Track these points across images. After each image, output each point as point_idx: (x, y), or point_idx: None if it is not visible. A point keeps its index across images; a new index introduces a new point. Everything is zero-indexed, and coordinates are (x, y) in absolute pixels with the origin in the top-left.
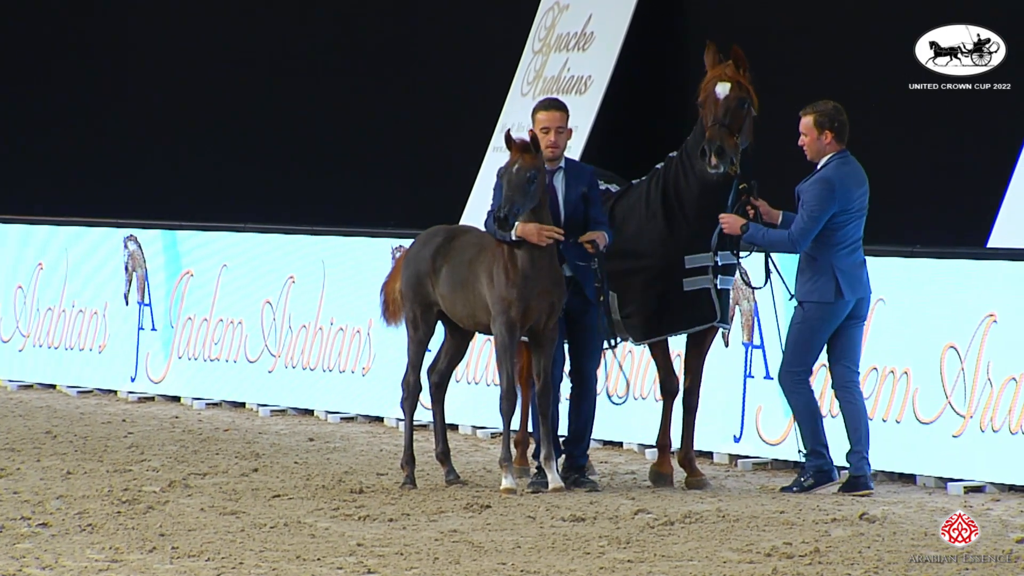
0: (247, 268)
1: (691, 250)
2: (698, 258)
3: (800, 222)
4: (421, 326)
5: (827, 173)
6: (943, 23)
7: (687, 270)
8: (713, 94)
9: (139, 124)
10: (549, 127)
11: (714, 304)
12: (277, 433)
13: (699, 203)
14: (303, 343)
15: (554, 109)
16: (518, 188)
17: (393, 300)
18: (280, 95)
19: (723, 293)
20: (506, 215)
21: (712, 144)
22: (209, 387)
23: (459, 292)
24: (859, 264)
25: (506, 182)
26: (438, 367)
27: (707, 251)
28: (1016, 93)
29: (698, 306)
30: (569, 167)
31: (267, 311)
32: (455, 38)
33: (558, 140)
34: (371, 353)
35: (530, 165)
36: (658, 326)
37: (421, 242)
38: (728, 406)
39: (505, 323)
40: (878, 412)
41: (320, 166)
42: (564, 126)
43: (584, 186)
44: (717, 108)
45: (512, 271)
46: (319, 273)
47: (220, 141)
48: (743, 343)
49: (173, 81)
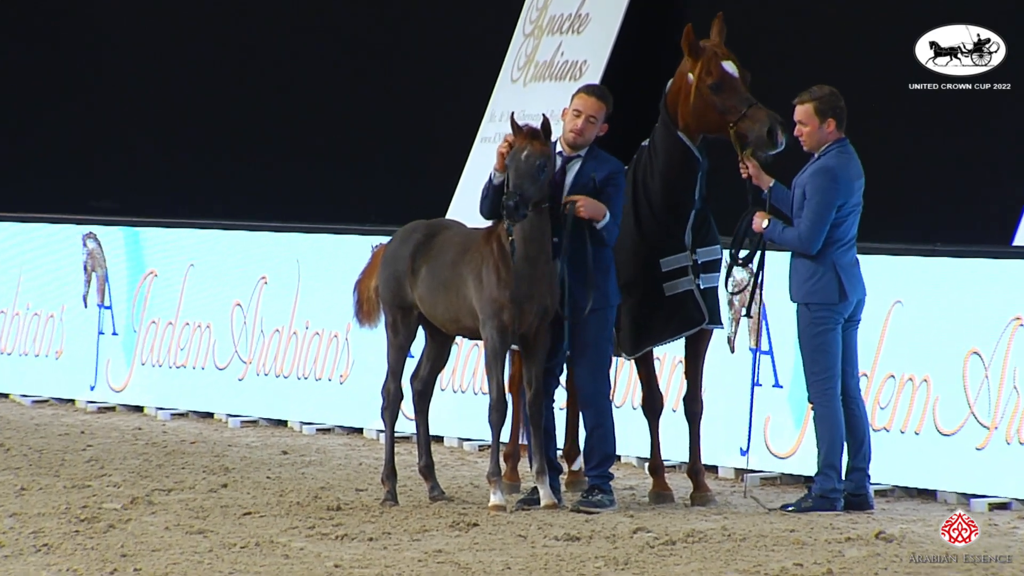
0: (216, 268)
1: (665, 251)
2: (674, 259)
3: (807, 219)
4: (401, 330)
5: (827, 162)
6: (943, 23)
7: (665, 273)
8: (727, 74)
9: (99, 114)
10: (581, 112)
11: (700, 306)
12: (248, 446)
13: (667, 200)
14: (276, 349)
15: (593, 96)
16: (527, 175)
17: (367, 300)
18: (249, 82)
19: (708, 293)
20: (516, 204)
21: (777, 120)
22: (174, 396)
23: (440, 294)
24: (855, 263)
25: (513, 169)
26: (420, 374)
27: (682, 251)
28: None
29: (683, 310)
30: (591, 155)
31: (237, 314)
32: (440, 20)
33: (584, 128)
34: (349, 359)
35: (539, 152)
36: (645, 336)
37: (399, 239)
38: (735, 417)
39: (496, 327)
40: (895, 423)
41: (294, 158)
42: (597, 117)
43: (602, 174)
44: (739, 86)
45: (504, 271)
46: (293, 273)
47: (186, 132)
48: (750, 348)
49: (136, 69)
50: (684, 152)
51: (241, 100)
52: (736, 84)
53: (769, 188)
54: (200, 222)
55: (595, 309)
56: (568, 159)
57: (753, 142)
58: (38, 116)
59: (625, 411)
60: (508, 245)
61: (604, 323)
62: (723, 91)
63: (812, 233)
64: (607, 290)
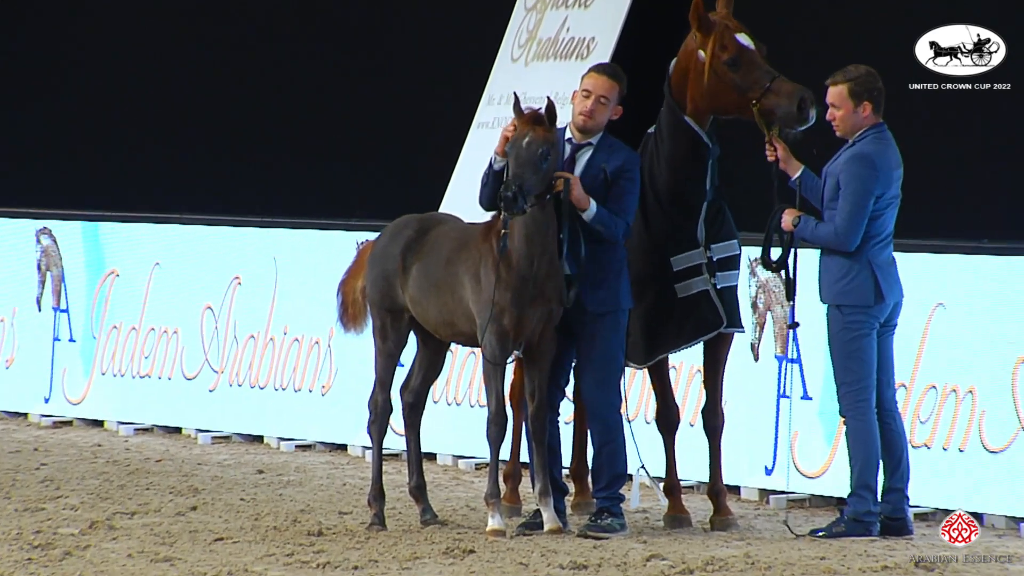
0: (184, 267)
1: (676, 248)
2: (686, 257)
3: (844, 212)
4: (390, 336)
5: (864, 148)
6: (943, 23)
7: (676, 273)
8: (744, 47)
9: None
10: (590, 92)
11: (716, 307)
12: (220, 464)
13: (675, 192)
14: (251, 357)
15: (603, 75)
16: (528, 165)
17: (353, 302)
18: (219, 66)
19: (726, 293)
20: (514, 194)
21: (805, 91)
22: (138, 409)
23: (433, 296)
24: (892, 261)
25: (513, 157)
26: (411, 384)
27: (694, 247)
28: (1016, 93)
29: (698, 313)
30: (604, 144)
31: (208, 318)
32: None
33: (594, 110)
34: (332, 368)
35: (542, 139)
36: (657, 343)
37: (389, 235)
38: (758, 432)
39: (496, 333)
40: (937, 439)
41: (271, 146)
42: (609, 97)
43: (614, 165)
44: (758, 59)
45: (504, 270)
46: (270, 273)
47: (152, 119)
48: (776, 356)
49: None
50: (692, 138)
51: (211, 85)
52: (755, 57)
53: (798, 176)
54: (167, 216)
55: (605, 312)
56: (578, 147)
57: (781, 118)
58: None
59: (637, 426)
60: (518, 239)
61: (615, 328)
62: (742, 66)
63: (849, 227)
64: (619, 291)
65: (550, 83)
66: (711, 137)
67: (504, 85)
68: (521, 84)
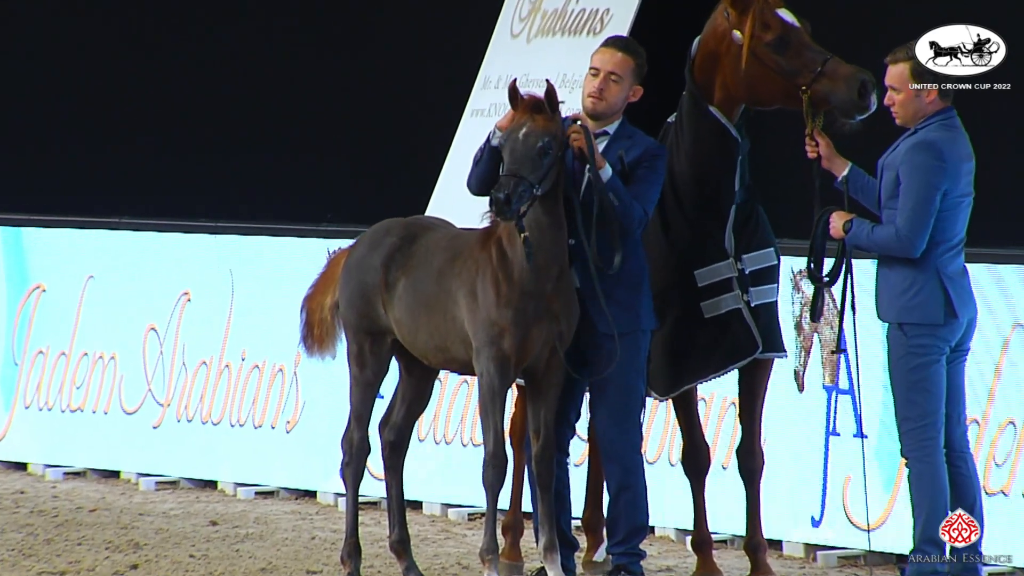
0: (123, 281)
1: (702, 259)
2: (713, 270)
3: (906, 209)
4: (369, 362)
5: (928, 136)
6: (943, 23)
7: (702, 289)
8: (789, 25)
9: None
10: (599, 70)
11: (750, 329)
12: (166, 514)
13: (699, 193)
14: (202, 387)
15: (615, 48)
16: (526, 160)
17: (320, 321)
18: (164, 45)
19: (762, 311)
20: (508, 196)
21: (865, 73)
22: (68, 449)
23: (422, 316)
24: (964, 272)
25: (508, 152)
26: (393, 420)
27: (722, 258)
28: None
29: (729, 335)
30: (622, 134)
31: (151, 341)
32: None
33: (605, 89)
34: (299, 401)
35: (542, 130)
36: (682, 371)
37: (367, 244)
38: (804, 476)
39: (494, 359)
40: (1016, 485)
41: (225, 137)
42: (622, 75)
43: (634, 154)
44: (806, 39)
45: (505, 284)
46: (225, 287)
47: (84, 109)
48: (824, 387)
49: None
50: (718, 131)
51: (153, 70)
52: (802, 36)
53: (844, 174)
54: (102, 221)
55: (621, 334)
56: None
57: (839, 106)
58: None
59: (661, 468)
60: (520, 247)
61: (634, 353)
62: (789, 47)
63: (914, 227)
64: (638, 308)
65: (557, 63)
66: (741, 129)
67: (502, 66)
68: (522, 65)
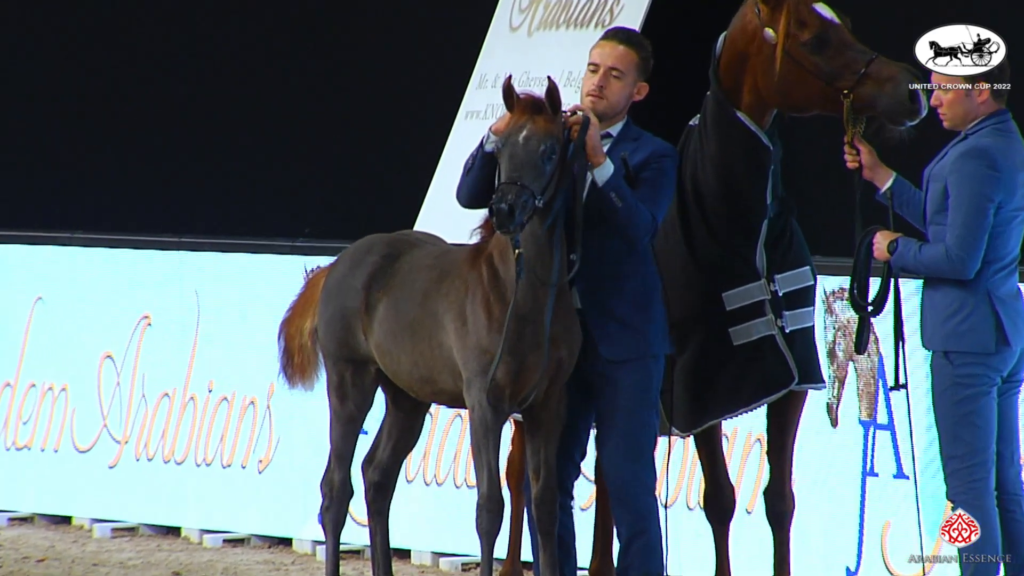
0: (75, 303)
1: (730, 280)
2: (743, 292)
3: (956, 225)
4: (350, 394)
5: (979, 142)
6: (943, 23)
7: (731, 313)
8: (828, 21)
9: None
10: (598, 65)
11: (784, 358)
12: (123, 564)
13: (726, 206)
14: (164, 422)
15: (615, 41)
16: (527, 166)
17: (300, 348)
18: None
19: (797, 338)
20: (510, 206)
21: (914, 73)
22: (14, 492)
23: (406, 342)
24: (1017, 295)
25: (507, 158)
26: (377, 458)
27: (753, 279)
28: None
29: (760, 365)
30: (627, 135)
31: (107, 371)
32: None
33: (605, 86)
34: (272, 437)
35: (544, 133)
36: (707, 405)
37: (348, 262)
38: (839, 520)
39: (487, 390)
40: None
41: (190, 144)
42: (623, 70)
43: (640, 156)
44: (847, 36)
45: (497, 307)
46: (191, 310)
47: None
48: (861, 421)
49: None
50: (747, 139)
51: (110, 72)
52: (844, 34)
53: (888, 186)
54: (52, 236)
55: (629, 360)
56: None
57: (885, 111)
58: None
59: (678, 512)
60: (512, 265)
61: (645, 382)
62: (828, 47)
63: (965, 244)
64: (648, 330)
65: (561, 59)
66: (772, 135)
67: (500, 62)
68: (522, 61)
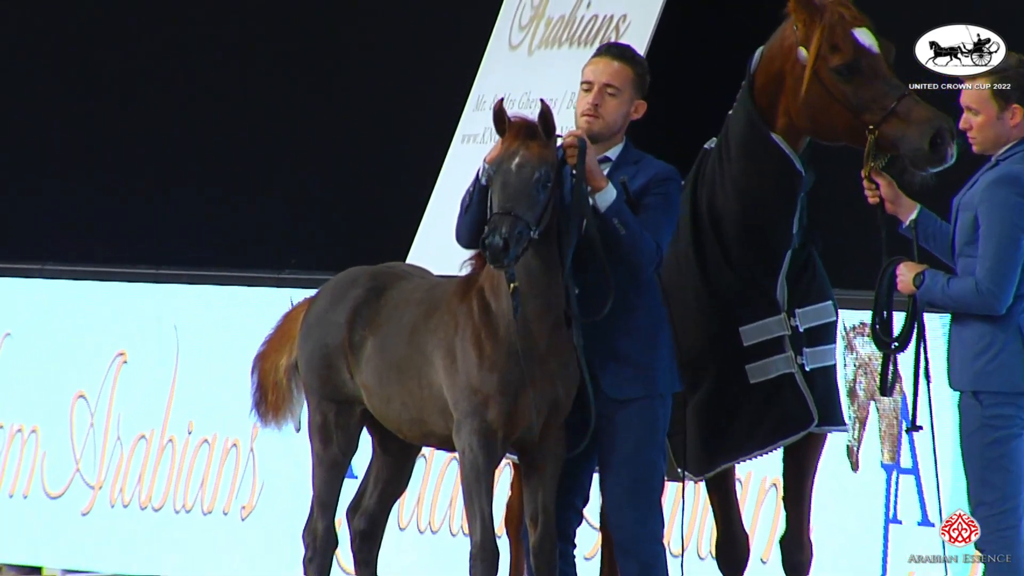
0: (46, 338)
1: (748, 314)
2: (762, 326)
3: (987, 257)
4: (335, 437)
5: (1012, 168)
6: (943, 23)
7: (748, 349)
8: (863, 48)
9: None
10: (591, 83)
11: (804, 398)
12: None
13: (748, 235)
14: (141, 466)
15: (609, 57)
16: (521, 196)
17: (275, 385)
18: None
19: (818, 376)
20: (504, 240)
21: (944, 120)
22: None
23: (394, 382)
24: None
25: (500, 187)
26: (364, 505)
27: (773, 312)
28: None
29: (779, 405)
30: (627, 159)
31: (80, 411)
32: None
33: (600, 104)
34: (256, 482)
35: (537, 159)
36: (721, 447)
37: (330, 296)
38: (860, 570)
39: (478, 432)
40: None
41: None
42: (619, 86)
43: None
44: (882, 67)
45: (489, 343)
46: (169, 347)
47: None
48: (883, 465)
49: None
50: (780, 163)
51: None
52: (878, 64)
53: (912, 218)
54: (21, 268)
55: (634, 399)
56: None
57: (908, 155)
58: None
59: (689, 561)
60: (505, 299)
61: (652, 423)
62: (859, 76)
63: (996, 277)
64: (654, 367)
65: (564, 80)
66: (805, 162)
67: (499, 83)
68: (523, 81)
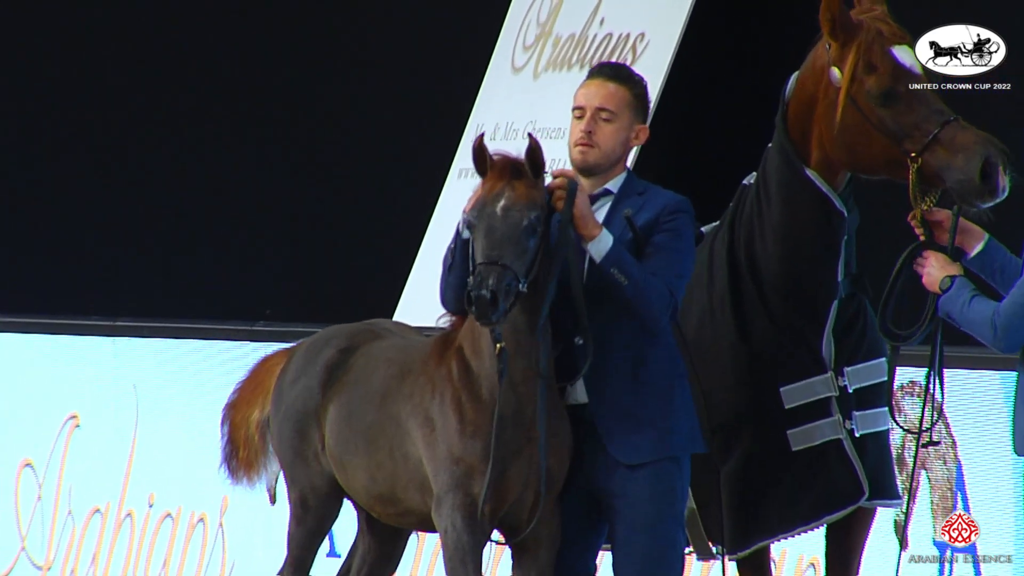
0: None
1: (789, 373)
2: (806, 386)
3: (1018, 295)
4: (312, 507)
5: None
6: (943, 23)
7: (789, 412)
8: (903, 69)
9: None
10: (584, 108)
11: (853, 467)
12: None
13: (788, 283)
14: (96, 543)
15: (602, 79)
16: (507, 243)
17: (246, 440)
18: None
19: (869, 444)
20: (492, 293)
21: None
22: None
23: (360, 453)
24: None
25: (483, 233)
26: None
27: (818, 371)
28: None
29: (825, 475)
30: (630, 190)
31: (27, 482)
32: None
33: (595, 132)
34: (225, 560)
35: (526, 202)
36: (758, 522)
37: (303, 357)
38: None
39: (460, 508)
40: None
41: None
42: (614, 111)
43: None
44: (927, 90)
45: (471, 407)
46: (127, 408)
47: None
48: (935, 542)
49: None
50: (817, 203)
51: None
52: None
53: (978, 250)
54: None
55: (647, 464)
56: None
57: (954, 187)
58: None
59: None
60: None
61: (668, 491)
62: (898, 100)
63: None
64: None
65: None
66: (846, 200)
67: (499, 110)
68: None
